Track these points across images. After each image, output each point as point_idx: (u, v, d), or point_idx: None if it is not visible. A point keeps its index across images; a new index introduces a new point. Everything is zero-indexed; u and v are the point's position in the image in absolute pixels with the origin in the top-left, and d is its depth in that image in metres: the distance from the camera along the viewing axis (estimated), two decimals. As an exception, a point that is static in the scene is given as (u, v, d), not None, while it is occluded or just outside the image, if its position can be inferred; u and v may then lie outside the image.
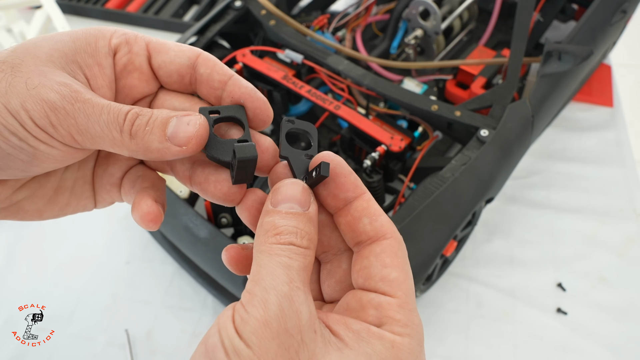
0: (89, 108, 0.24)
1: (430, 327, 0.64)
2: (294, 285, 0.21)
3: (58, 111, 0.23)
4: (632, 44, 1.30)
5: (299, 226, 0.23)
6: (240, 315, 0.20)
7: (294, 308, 0.21)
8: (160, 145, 0.24)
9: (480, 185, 0.57)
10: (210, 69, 0.27)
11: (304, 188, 0.25)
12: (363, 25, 0.83)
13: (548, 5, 0.82)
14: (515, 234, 0.73)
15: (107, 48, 0.27)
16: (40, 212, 0.28)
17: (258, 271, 0.22)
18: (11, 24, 1.00)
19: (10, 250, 0.74)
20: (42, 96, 0.23)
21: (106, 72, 0.27)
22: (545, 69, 0.65)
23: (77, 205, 0.29)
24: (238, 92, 0.27)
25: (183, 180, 0.29)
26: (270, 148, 0.28)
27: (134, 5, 1.11)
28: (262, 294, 0.21)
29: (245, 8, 0.77)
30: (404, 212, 0.54)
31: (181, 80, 0.28)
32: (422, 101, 0.63)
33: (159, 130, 0.24)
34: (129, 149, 0.24)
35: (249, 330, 0.20)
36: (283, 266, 0.22)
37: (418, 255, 0.53)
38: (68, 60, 0.25)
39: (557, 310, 0.65)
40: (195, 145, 0.24)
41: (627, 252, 0.70)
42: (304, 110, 0.75)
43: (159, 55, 0.28)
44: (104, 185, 0.29)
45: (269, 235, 0.23)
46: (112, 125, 0.24)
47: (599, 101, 0.88)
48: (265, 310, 0.20)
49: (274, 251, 0.22)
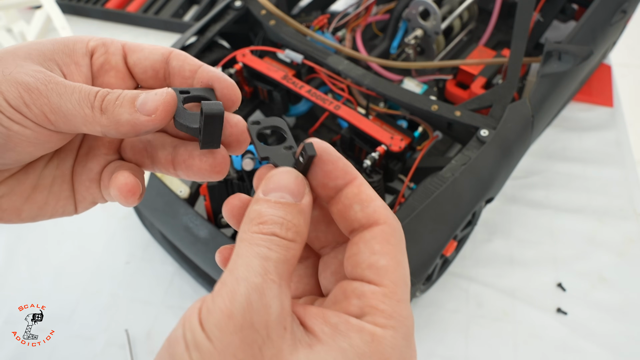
0: (61, 88, 0.25)
1: (430, 327, 0.64)
2: (269, 277, 0.20)
3: (32, 91, 0.24)
4: (632, 44, 1.30)
5: (286, 217, 0.22)
6: (207, 306, 0.20)
7: (264, 301, 0.19)
8: (130, 116, 0.25)
9: (480, 185, 0.57)
10: (182, 61, 0.28)
11: (297, 177, 0.24)
12: (363, 25, 0.83)
13: (548, 5, 0.82)
14: (515, 234, 0.73)
15: (85, 49, 0.28)
16: (18, 212, 0.28)
17: (235, 260, 0.21)
18: (11, 24, 1.01)
19: (10, 250, 0.74)
20: (16, 79, 0.24)
21: (82, 69, 0.28)
22: (545, 69, 0.65)
23: (56, 205, 0.29)
24: (206, 76, 0.28)
25: (166, 167, 0.29)
26: (239, 123, 0.28)
27: (134, 5, 1.11)
28: (233, 284, 0.20)
29: (245, 8, 0.77)
30: (404, 212, 0.54)
31: (156, 75, 0.29)
32: (422, 101, 0.63)
33: (128, 103, 0.25)
34: (101, 124, 0.25)
35: (212, 323, 0.19)
36: (260, 257, 0.21)
37: (418, 255, 0.53)
38: (46, 58, 0.26)
39: (557, 310, 0.65)
40: (164, 113, 0.25)
41: (627, 252, 0.70)
42: (304, 110, 0.75)
43: (134, 54, 0.29)
44: (82, 182, 0.29)
45: (252, 224, 0.22)
46: (84, 102, 0.25)
47: (599, 101, 0.88)
48: (232, 301, 0.19)
49: (254, 240, 0.21)
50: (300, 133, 0.76)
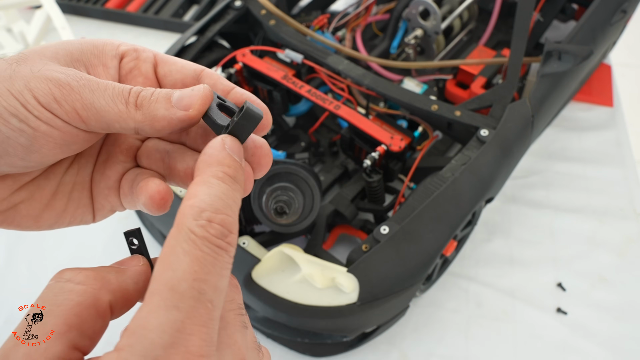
0: (93, 84, 0.24)
1: (430, 327, 0.64)
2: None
3: (63, 87, 0.23)
4: (632, 44, 1.30)
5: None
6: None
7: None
8: (167, 112, 0.24)
9: (480, 185, 0.57)
10: (214, 81, 0.28)
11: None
12: (363, 25, 0.83)
13: (548, 5, 0.82)
14: (515, 234, 0.73)
15: (114, 52, 0.27)
16: (36, 219, 0.27)
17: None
18: (11, 24, 1.00)
19: (10, 250, 0.74)
20: (46, 75, 0.23)
21: (110, 72, 0.27)
22: (545, 69, 0.65)
23: (75, 212, 0.29)
24: (240, 97, 0.28)
25: (183, 180, 0.29)
26: (264, 146, 0.28)
27: (134, 5, 1.11)
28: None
29: (245, 8, 0.77)
30: (404, 212, 0.54)
31: None
32: (422, 101, 0.63)
33: (164, 99, 0.25)
34: (135, 120, 0.24)
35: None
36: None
37: (418, 255, 0.53)
38: (73, 59, 0.26)
39: (557, 310, 0.65)
40: (201, 107, 0.25)
41: (627, 252, 0.70)
42: (304, 110, 0.75)
43: (165, 65, 0.28)
44: (101, 190, 0.29)
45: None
46: (118, 98, 0.24)
47: (599, 101, 0.88)
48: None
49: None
50: (301, 133, 0.76)
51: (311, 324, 0.53)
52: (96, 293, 0.22)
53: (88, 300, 0.22)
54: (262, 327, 0.61)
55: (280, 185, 0.57)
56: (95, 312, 0.21)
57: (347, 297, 0.51)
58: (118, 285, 0.23)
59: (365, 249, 0.53)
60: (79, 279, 0.22)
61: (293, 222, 0.57)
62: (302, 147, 0.74)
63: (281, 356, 0.62)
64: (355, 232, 0.66)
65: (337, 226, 0.68)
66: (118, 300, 0.20)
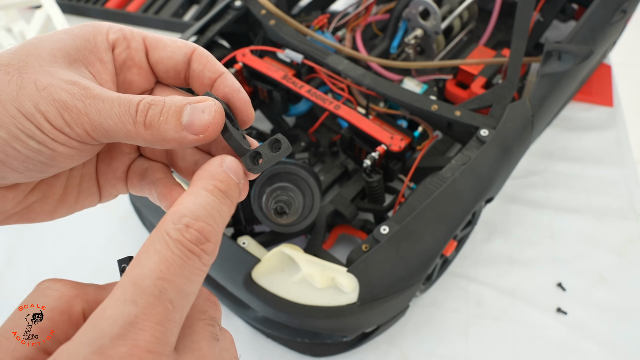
0: (99, 103, 0.24)
1: (430, 327, 0.64)
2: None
3: (70, 110, 0.23)
4: (632, 44, 1.30)
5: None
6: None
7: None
8: (177, 135, 0.24)
9: (480, 185, 0.57)
10: (203, 65, 0.28)
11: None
12: (363, 25, 0.83)
13: (548, 5, 0.82)
14: (515, 234, 0.73)
15: (106, 43, 0.27)
16: (51, 213, 0.28)
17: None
18: (11, 23, 1.00)
19: (10, 250, 0.74)
20: (53, 96, 0.23)
21: (108, 66, 0.27)
22: (545, 69, 0.65)
23: (85, 201, 0.29)
24: (223, 89, 0.28)
25: (186, 175, 0.29)
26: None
27: (134, 5, 1.11)
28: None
29: (245, 8, 0.77)
30: (404, 212, 0.54)
31: (177, 76, 0.29)
32: (422, 101, 0.63)
33: (173, 119, 0.24)
34: (145, 140, 0.24)
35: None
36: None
37: (418, 255, 0.53)
38: (71, 59, 0.25)
39: (557, 310, 0.65)
40: (213, 133, 0.25)
41: (627, 252, 0.70)
42: (304, 110, 0.75)
43: (157, 52, 0.28)
44: (109, 180, 0.30)
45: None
46: (125, 118, 0.24)
47: (599, 101, 0.88)
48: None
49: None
50: (301, 133, 0.76)
51: (311, 324, 0.53)
52: (71, 300, 0.22)
53: (62, 306, 0.22)
54: (262, 327, 0.61)
55: (280, 185, 0.57)
56: (68, 318, 0.22)
57: (347, 297, 0.51)
58: (95, 297, 0.23)
59: (365, 249, 0.53)
60: (56, 287, 0.22)
61: (293, 222, 0.57)
62: (302, 147, 0.74)
63: (281, 356, 0.62)
64: (355, 232, 0.66)
65: (337, 226, 0.68)
66: (92, 311, 0.21)
